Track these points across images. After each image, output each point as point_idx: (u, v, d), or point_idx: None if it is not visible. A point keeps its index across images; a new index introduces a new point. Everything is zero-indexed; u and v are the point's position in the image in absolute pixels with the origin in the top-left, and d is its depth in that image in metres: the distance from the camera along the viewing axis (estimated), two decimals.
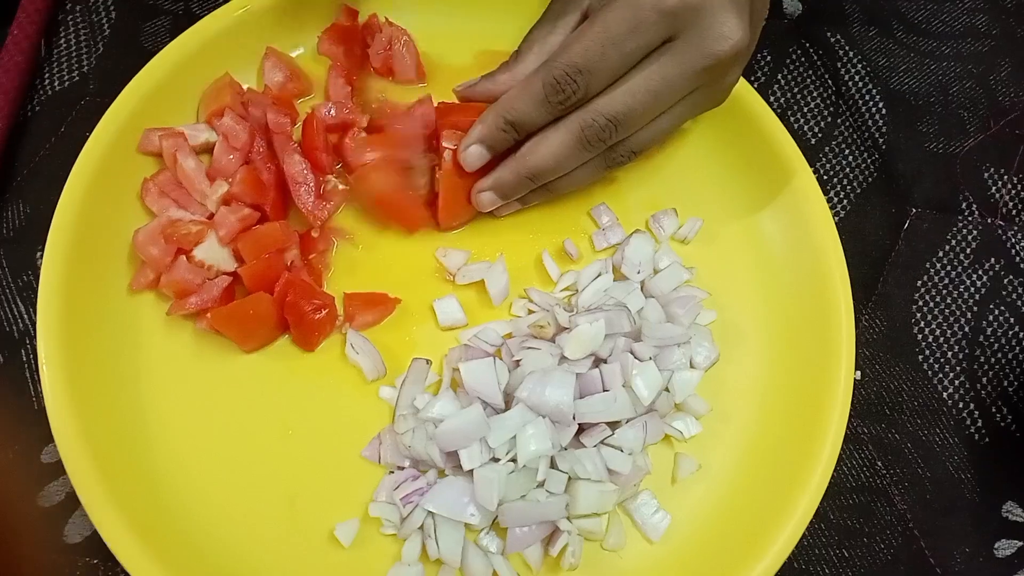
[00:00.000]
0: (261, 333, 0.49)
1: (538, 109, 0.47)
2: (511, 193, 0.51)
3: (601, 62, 0.45)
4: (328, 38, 0.56)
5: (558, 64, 0.46)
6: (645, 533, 0.47)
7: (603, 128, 0.46)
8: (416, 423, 0.46)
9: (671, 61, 0.44)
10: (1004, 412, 0.54)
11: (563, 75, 0.45)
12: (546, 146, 0.48)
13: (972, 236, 0.59)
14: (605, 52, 0.44)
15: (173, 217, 0.50)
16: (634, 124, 0.47)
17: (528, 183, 0.50)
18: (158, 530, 0.43)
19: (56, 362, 0.45)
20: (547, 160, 0.48)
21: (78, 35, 0.58)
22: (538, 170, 0.49)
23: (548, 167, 0.49)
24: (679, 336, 0.49)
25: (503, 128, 0.48)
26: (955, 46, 0.65)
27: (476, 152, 0.49)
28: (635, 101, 0.45)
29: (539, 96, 0.47)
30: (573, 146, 0.47)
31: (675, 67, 0.44)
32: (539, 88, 0.46)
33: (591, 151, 0.48)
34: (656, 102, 0.46)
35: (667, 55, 0.45)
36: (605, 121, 0.46)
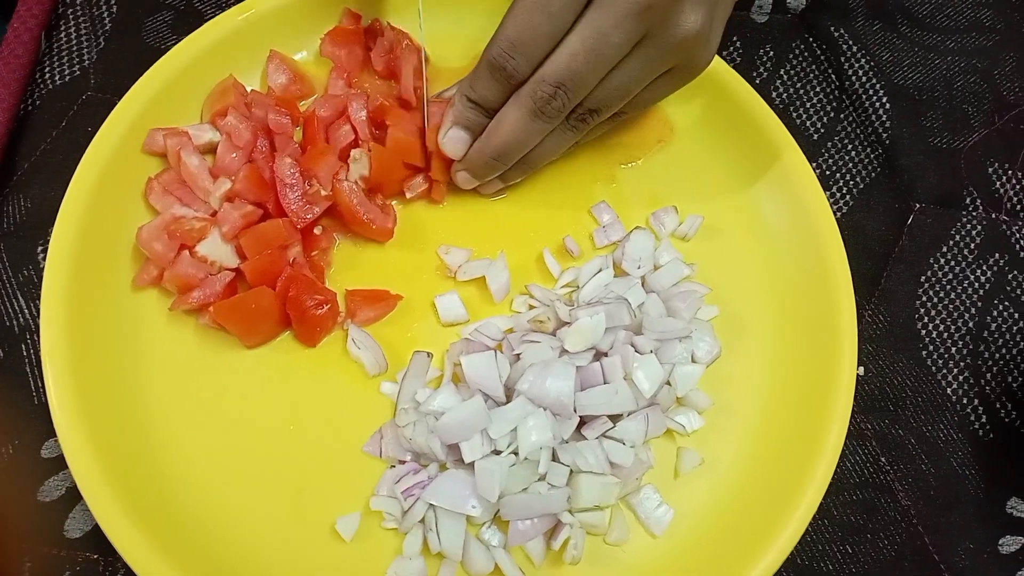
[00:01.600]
0: (263, 328, 0.49)
1: (491, 87, 0.48)
2: (484, 172, 0.52)
3: (531, 30, 0.44)
4: (330, 41, 0.56)
5: (495, 41, 0.46)
6: (648, 527, 0.47)
7: (552, 96, 0.46)
8: (417, 416, 0.46)
9: (600, 12, 0.43)
10: (1008, 408, 0.54)
11: (500, 52, 0.46)
12: (504, 125, 0.48)
13: (976, 231, 0.59)
14: (532, 19, 0.44)
15: (177, 214, 0.50)
16: (582, 85, 0.46)
17: (496, 162, 0.50)
18: (160, 525, 0.43)
19: (59, 357, 0.45)
20: (507, 137, 0.48)
21: (79, 29, 0.58)
22: (501, 148, 0.49)
23: (510, 144, 0.49)
24: (680, 330, 0.49)
25: (469, 107, 0.49)
26: (959, 41, 0.65)
27: (454, 135, 0.51)
28: (575, 62, 0.45)
29: (486, 75, 0.47)
30: (528, 119, 0.47)
31: (606, 18, 0.43)
32: (485, 67, 0.47)
33: (549, 121, 0.47)
34: (597, 58, 0.45)
35: (595, 8, 0.44)
36: (552, 88, 0.46)
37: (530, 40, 0.45)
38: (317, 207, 0.50)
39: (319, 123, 0.53)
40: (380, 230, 0.51)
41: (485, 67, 0.47)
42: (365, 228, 0.51)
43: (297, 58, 0.57)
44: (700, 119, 0.57)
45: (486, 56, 0.47)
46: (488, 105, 0.49)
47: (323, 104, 0.54)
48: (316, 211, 0.50)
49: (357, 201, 0.50)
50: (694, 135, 0.58)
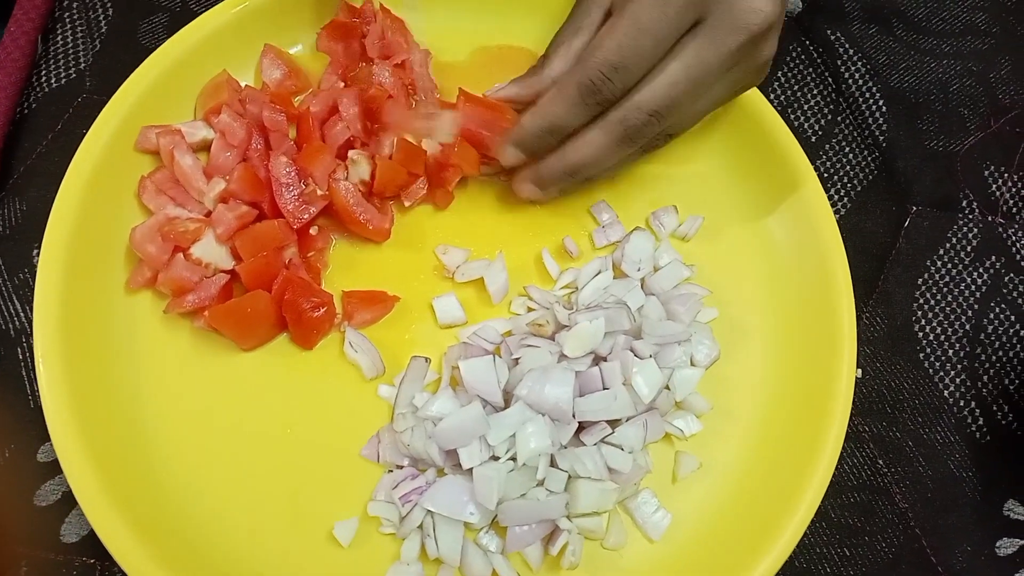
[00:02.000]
0: (259, 331, 0.49)
1: (575, 112, 0.47)
2: (551, 186, 0.51)
3: (635, 56, 0.44)
4: (327, 34, 0.56)
5: (592, 64, 0.45)
6: (646, 532, 0.47)
7: (645, 124, 0.46)
8: (415, 421, 0.46)
9: (705, 43, 0.44)
10: (1005, 410, 0.54)
11: (598, 75, 0.45)
12: (588, 146, 0.48)
13: (973, 234, 0.59)
14: (638, 44, 0.43)
15: (170, 215, 0.50)
16: (676, 114, 0.46)
17: (569, 178, 0.50)
18: (155, 529, 0.43)
19: (53, 360, 0.44)
20: (589, 159, 0.48)
21: (75, 32, 0.57)
22: (580, 167, 0.49)
23: (590, 164, 0.49)
24: (679, 334, 0.49)
25: (541, 135, 0.49)
26: (955, 44, 0.65)
27: (512, 153, 0.50)
28: (676, 91, 0.45)
29: (575, 99, 0.46)
30: (616, 144, 0.47)
31: (710, 49, 0.44)
32: (575, 91, 0.46)
33: (634, 146, 0.48)
34: (696, 88, 0.45)
35: (700, 38, 0.44)
36: (647, 117, 0.45)
37: (631, 65, 0.44)
38: (313, 207, 0.50)
39: (313, 120, 0.52)
40: (377, 231, 0.51)
41: (575, 90, 0.46)
42: (361, 228, 0.51)
43: (292, 52, 0.57)
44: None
45: (578, 78, 0.45)
46: (564, 131, 0.48)
47: (314, 100, 0.53)
48: (312, 211, 0.50)
49: (354, 201, 0.50)
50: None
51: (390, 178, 0.51)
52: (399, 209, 0.54)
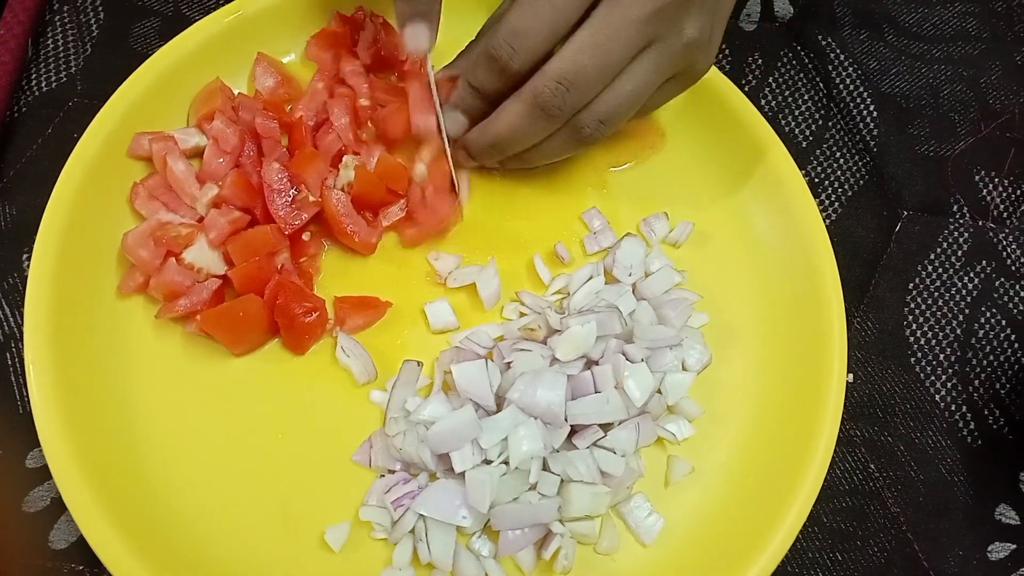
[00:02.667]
0: (251, 336, 0.49)
1: (487, 76, 0.47)
2: (481, 157, 0.51)
3: (534, 21, 0.43)
4: (316, 43, 0.56)
5: (496, 31, 0.45)
6: (638, 536, 0.47)
7: (554, 92, 0.45)
8: (407, 426, 0.46)
9: (610, 11, 0.43)
10: (996, 415, 0.54)
11: (498, 41, 0.45)
12: (503, 117, 0.48)
13: (963, 238, 0.59)
14: (536, 11, 0.43)
15: (163, 220, 0.50)
16: (587, 85, 0.45)
17: (493, 151, 0.50)
18: (146, 536, 0.43)
19: (43, 365, 0.44)
20: (505, 130, 0.48)
21: (66, 36, 0.57)
22: (499, 139, 0.49)
23: (508, 137, 0.48)
24: (671, 338, 0.49)
25: (468, 91, 0.49)
26: (945, 49, 0.66)
27: (452, 116, 0.51)
28: (581, 56, 0.44)
29: (483, 62, 0.46)
30: (528, 115, 0.46)
31: (617, 15, 0.43)
32: (483, 57, 0.46)
33: (551, 120, 0.46)
34: (605, 57, 0.44)
35: (605, 6, 0.43)
36: (555, 84, 0.44)
37: (531, 31, 0.44)
38: (305, 213, 0.50)
39: (306, 128, 0.52)
40: (363, 243, 0.51)
41: (483, 55, 0.46)
42: (348, 240, 0.51)
43: (285, 61, 0.57)
44: (691, 125, 0.57)
45: (484, 44, 0.46)
46: (486, 92, 0.48)
47: (301, 105, 0.53)
48: (304, 217, 0.49)
49: (343, 212, 0.50)
50: (685, 141, 0.58)
51: (368, 191, 0.51)
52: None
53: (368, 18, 0.56)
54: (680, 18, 0.44)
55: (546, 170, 0.55)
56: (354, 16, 0.56)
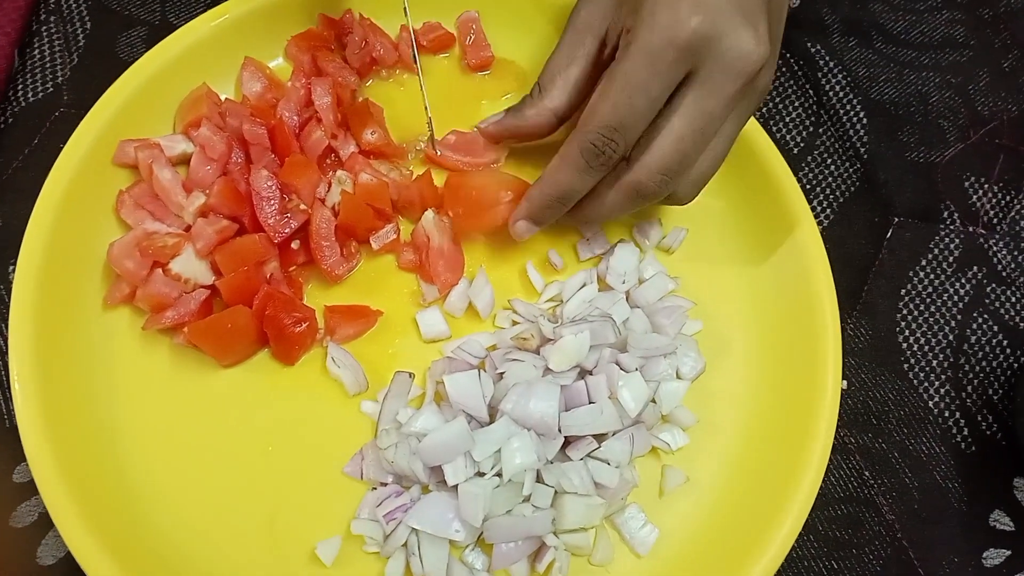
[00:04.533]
0: (240, 347, 0.48)
1: (582, 177, 0.47)
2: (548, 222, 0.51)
3: (632, 114, 0.44)
4: (296, 43, 0.55)
5: (591, 128, 0.45)
6: (633, 547, 0.47)
7: (659, 184, 0.45)
8: (399, 438, 0.45)
9: (703, 94, 0.43)
10: (990, 420, 0.54)
11: (599, 138, 0.45)
12: (603, 206, 0.48)
13: (954, 245, 0.59)
14: (633, 103, 0.43)
15: (149, 230, 0.49)
16: (689, 167, 0.46)
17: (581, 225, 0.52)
18: (133, 551, 0.42)
19: (28, 379, 0.44)
20: (604, 216, 0.49)
21: (52, 45, 0.57)
22: (592, 220, 0.50)
23: (599, 219, 0.50)
24: (665, 346, 0.48)
25: (551, 205, 0.49)
26: (934, 56, 0.66)
27: (524, 227, 0.50)
28: (683, 146, 0.44)
29: (581, 165, 0.46)
30: (630, 204, 0.47)
31: (709, 99, 0.43)
32: (578, 157, 0.46)
33: (648, 202, 0.47)
34: (704, 138, 0.45)
35: (697, 88, 0.43)
36: (660, 177, 0.45)
37: (629, 124, 0.44)
38: (295, 221, 0.49)
39: (288, 129, 0.52)
40: (329, 272, 0.50)
41: (579, 155, 0.46)
42: (319, 263, 0.50)
43: (272, 65, 0.56)
44: None
45: (580, 144, 0.45)
46: (573, 198, 0.48)
47: (282, 106, 0.52)
48: (294, 225, 0.49)
49: (323, 234, 0.50)
50: None
51: (354, 219, 0.50)
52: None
53: (356, 21, 0.55)
54: (758, 79, 0.45)
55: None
56: (340, 19, 0.56)
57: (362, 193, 0.50)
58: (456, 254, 0.52)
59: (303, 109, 0.53)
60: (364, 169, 0.52)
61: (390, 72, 0.57)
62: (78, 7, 0.58)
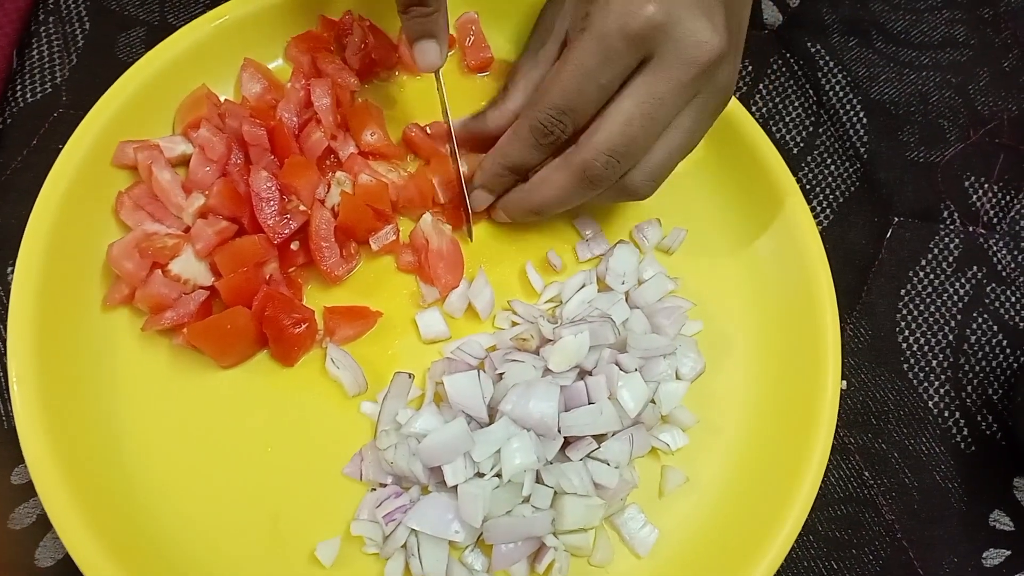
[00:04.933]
0: (239, 348, 0.48)
1: (531, 152, 0.48)
2: (518, 219, 0.52)
3: (580, 97, 0.44)
4: (296, 44, 0.55)
5: (540, 108, 0.46)
6: (633, 548, 0.47)
7: (605, 165, 0.45)
8: (399, 438, 0.45)
9: (655, 79, 0.43)
10: (989, 420, 0.54)
11: (547, 118, 0.46)
12: (550, 186, 0.48)
13: (954, 244, 0.59)
14: (582, 87, 0.44)
15: (148, 231, 0.49)
16: (637, 152, 0.46)
17: (533, 215, 0.51)
18: (133, 553, 0.42)
19: (27, 380, 0.44)
20: (551, 198, 0.49)
21: (51, 46, 0.57)
22: (544, 206, 0.49)
23: (553, 203, 0.49)
24: (665, 347, 0.48)
25: (501, 173, 0.50)
26: (934, 56, 0.66)
27: (479, 196, 0.52)
28: (631, 128, 0.44)
29: (530, 141, 0.47)
30: (576, 184, 0.47)
31: (660, 84, 0.43)
32: (527, 133, 0.47)
33: (598, 187, 0.47)
34: (653, 123, 0.45)
35: (649, 74, 0.44)
36: (606, 158, 0.45)
37: (578, 107, 0.45)
38: (294, 222, 0.49)
39: (288, 130, 0.52)
40: (329, 273, 0.50)
41: (528, 132, 0.47)
42: (318, 263, 0.50)
43: (272, 66, 0.56)
44: None
45: (529, 121, 0.46)
46: (523, 168, 0.49)
47: (282, 107, 0.52)
48: (293, 226, 0.49)
49: (323, 235, 0.50)
50: None
51: (354, 220, 0.50)
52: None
53: (356, 22, 0.55)
54: (716, 71, 0.44)
55: None
56: (340, 20, 0.56)
57: (362, 194, 0.50)
58: (456, 255, 0.52)
59: (303, 110, 0.53)
60: (363, 170, 0.52)
61: (389, 74, 0.57)
62: (77, 8, 0.58)
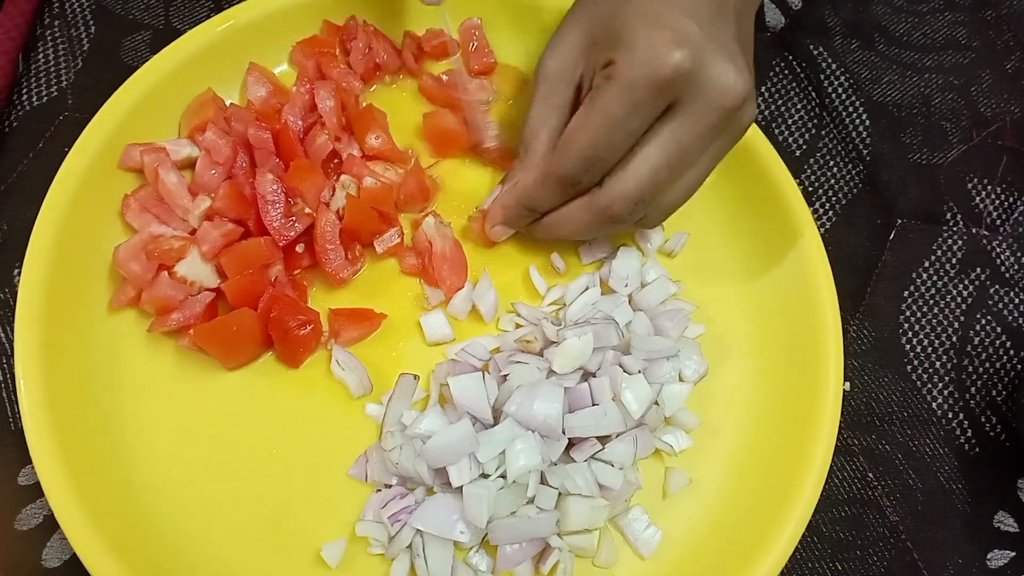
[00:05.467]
0: (245, 350, 0.48)
1: (556, 197, 0.48)
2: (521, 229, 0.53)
3: (610, 147, 0.44)
4: (300, 49, 0.56)
5: (569, 158, 0.45)
6: (637, 549, 0.47)
7: (631, 212, 0.46)
8: (403, 440, 0.45)
9: (681, 127, 0.43)
10: (993, 422, 0.54)
11: (577, 168, 0.45)
12: (571, 223, 0.48)
13: (957, 246, 0.59)
14: (611, 137, 0.44)
15: (155, 233, 0.49)
16: (659, 195, 0.46)
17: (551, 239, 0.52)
18: (139, 554, 0.42)
19: (34, 381, 0.44)
20: (570, 234, 0.49)
21: (56, 50, 0.57)
22: (561, 238, 0.51)
23: (570, 237, 0.50)
24: (668, 349, 0.49)
25: (524, 214, 0.50)
26: (936, 58, 0.66)
27: (500, 231, 0.52)
28: (658, 177, 0.44)
29: (556, 189, 0.47)
30: (598, 226, 0.48)
31: (687, 131, 0.43)
32: (555, 182, 0.47)
33: (618, 227, 0.48)
34: (677, 169, 0.45)
35: (676, 121, 0.43)
36: (632, 206, 0.45)
37: (608, 156, 0.44)
38: (300, 224, 0.49)
39: (293, 134, 0.52)
40: (334, 275, 0.50)
41: (556, 181, 0.47)
42: (323, 266, 0.50)
43: (277, 71, 0.57)
44: None
45: (558, 170, 0.46)
46: (545, 209, 0.49)
47: (287, 111, 0.53)
48: (299, 228, 0.49)
49: (328, 237, 0.50)
50: None
51: (359, 223, 0.50)
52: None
53: (360, 27, 0.56)
54: (739, 113, 0.44)
55: None
56: (345, 25, 0.56)
57: (366, 197, 0.51)
58: (460, 258, 0.52)
59: (307, 114, 0.53)
60: (364, 172, 0.52)
61: (393, 78, 0.58)
62: (82, 11, 0.58)
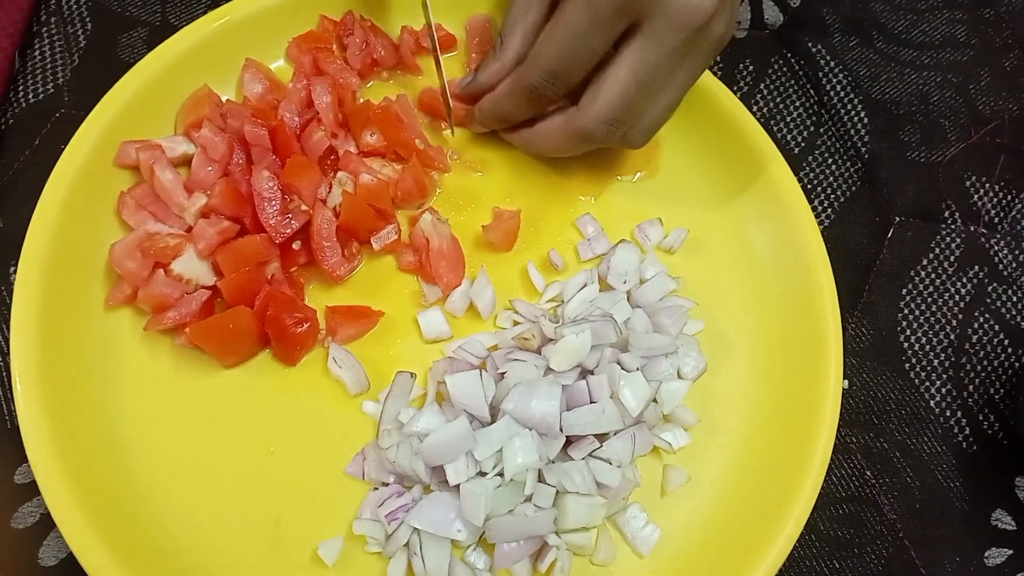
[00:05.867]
0: (241, 348, 0.48)
1: (524, 109, 0.50)
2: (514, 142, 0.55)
3: (572, 61, 0.46)
4: (297, 44, 0.56)
5: (535, 69, 0.47)
6: (635, 547, 0.47)
7: (606, 132, 0.47)
8: (401, 438, 0.45)
9: (648, 46, 0.44)
10: (991, 420, 0.54)
11: (540, 81, 0.47)
12: (551, 140, 0.50)
13: (955, 244, 0.59)
14: (574, 52, 0.45)
15: (151, 231, 0.49)
16: (634, 115, 0.47)
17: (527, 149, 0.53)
18: (136, 552, 0.42)
19: (31, 379, 0.44)
20: (551, 150, 0.51)
21: (53, 46, 0.57)
22: (543, 153, 0.52)
23: (552, 153, 0.52)
24: (666, 346, 0.48)
25: (496, 120, 0.53)
26: (935, 56, 0.66)
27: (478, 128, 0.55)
28: (628, 97, 0.46)
29: (521, 100, 0.49)
30: (577, 144, 0.49)
31: (653, 50, 0.44)
32: (522, 95, 0.49)
33: (598, 145, 0.49)
34: (649, 89, 0.46)
35: (642, 40, 0.44)
36: (607, 127, 0.47)
37: (570, 70, 0.46)
38: (296, 221, 0.49)
39: (290, 130, 0.52)
40: (330, 272, 0.50)
41: (521, 92, 0.49)
42: (319, 263, 0.50)
43: (273, 67, 0.56)
44: (685, 131, 0.57)
45: (522, 82, 0.48)
46: (519, 120, 0.51)
47: (283, 107, 0.53)
48: (295, 225, 0.49)
49: (325, 234, 0.50)
50: (679, 146, 0.58)
51: (356, 219, 0.50)
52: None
53: (357, 22, 0.55)
54: (708, 29, 0.45)
55: (541, 180, 0.55)
56: (341, 20, 0.56)
57: (363, 193, 0.50)
58: (457, 254, 0.52)
59: (304, 110, 0.53)
60: (361, 168, 0.52)
61: (391, 74, 0.57)
62: (79, 8, 0.58)
